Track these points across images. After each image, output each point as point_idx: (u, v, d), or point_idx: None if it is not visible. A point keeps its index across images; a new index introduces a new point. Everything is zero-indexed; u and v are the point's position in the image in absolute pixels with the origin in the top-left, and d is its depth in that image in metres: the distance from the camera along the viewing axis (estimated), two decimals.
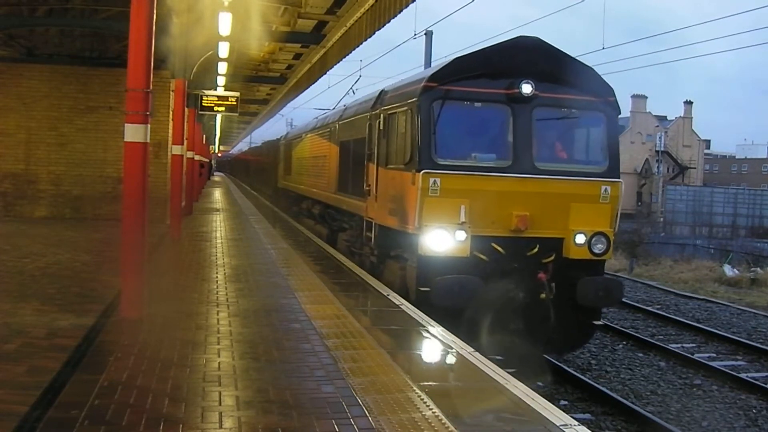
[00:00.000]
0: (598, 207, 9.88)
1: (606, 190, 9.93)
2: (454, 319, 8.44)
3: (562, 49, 10.05)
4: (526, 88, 9.51)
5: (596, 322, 10.20)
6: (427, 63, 21.58)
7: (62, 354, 5.99)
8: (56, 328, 6.89)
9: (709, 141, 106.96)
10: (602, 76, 10.31)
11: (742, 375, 11.25)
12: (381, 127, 11.06)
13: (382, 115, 11.10)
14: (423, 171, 9.25)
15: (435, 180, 9.27)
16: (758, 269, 26.81)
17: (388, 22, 14.78)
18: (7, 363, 5.73)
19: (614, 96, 10.23)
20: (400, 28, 17.29)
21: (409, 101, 9.85)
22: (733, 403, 10.18)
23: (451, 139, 9.74)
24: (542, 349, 10.07)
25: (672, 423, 9.01)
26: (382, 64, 30.16)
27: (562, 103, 9.96)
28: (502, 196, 9.47)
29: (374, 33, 15.90)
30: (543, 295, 9.47)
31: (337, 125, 15.50)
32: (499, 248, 9.53)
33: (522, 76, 9.54)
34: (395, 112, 10.53)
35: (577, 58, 10.34)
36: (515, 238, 9.55)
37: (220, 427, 4.58)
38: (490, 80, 9.62)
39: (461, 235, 9.19)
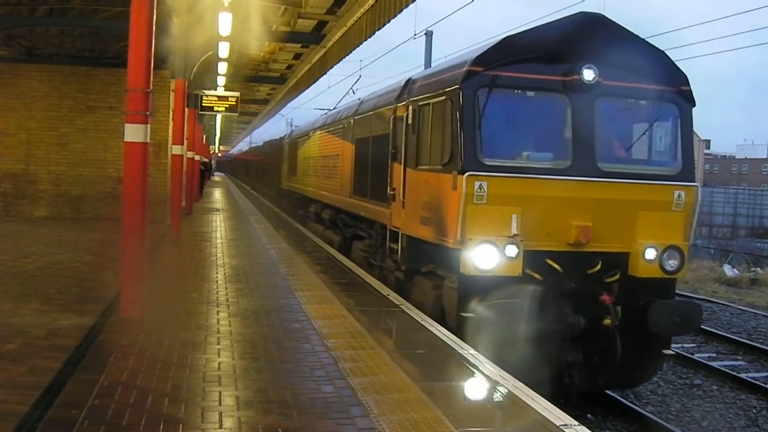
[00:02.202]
0: (670, 216, 8.44)
1: (680, 195, 8.47)
2: (500, 349, 7.26)
3: (627, 28, 8.61)
4: (588, 75, 8.13)
5: (666, 352, 8.70)
6: (427, 63, 21.58)
7: (62, 354, 6.00)
8: (56, 328, 6.90)
9: (709, 141, 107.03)
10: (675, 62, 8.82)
11: (742, 375, 11.24)
12: (409, 122, 9.59)
13: (410, 108, 9.61)
14: (467, 173, 7.73)
15: (481, 184, 7.77)
16: (758, 269, 26.80)
17: (388, 22, 14.79)
18: (7, 363, 5.73)
19: (689, 85, 8.79)
20: (399, 28, 17.30)
21: (448, 90, 8.34)
22: (733, 403, 10.18)
23: (500, 135, 8.29)
24: (604, 384, 8.73)
25: (672, 423, 9.01)
26: (382, 64, 30.14)
27: (629, 92, 8.59)
28: (559, 203, 8.05)
29: (374, 33, 15.91)
30: (607, 321, 8.05)
31: (351, 121, 13.85)
32: (555, 265, 8.04)
33: (583, 59, 8.15)
34: (428, 104, 8.99)
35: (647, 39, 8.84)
36: (574, 253, 8.11)
37: (220, 427, 4.58)
38: (545, 64, 8.17)
39: (512, 250, 7.72)
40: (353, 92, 22.80)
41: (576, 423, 4.94)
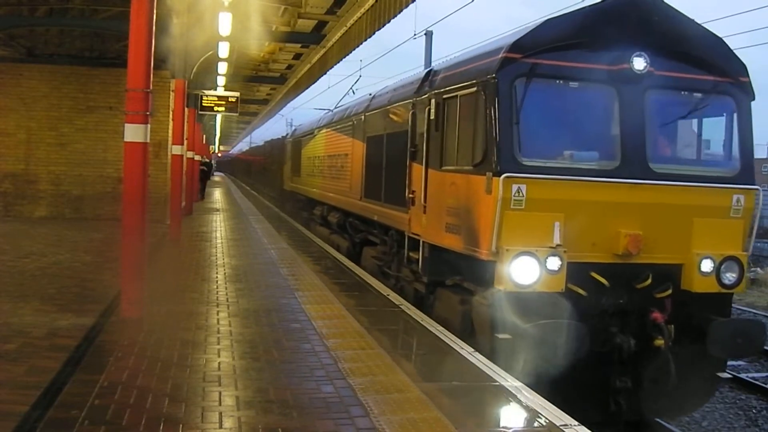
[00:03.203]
0: (727, 223, 7.56)
1: (738, 200, 7.61)
2: (541, 375, 6.50)
3: (681, 12, 7.68)
4: (639, 64, 7.26)
5: (722, 375, 7.75)
6: (427, 63, 21.57)
7: (62, 354, 6.00)
8: (56, 328, 6.90)
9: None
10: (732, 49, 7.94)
11: (742, 375, 11.25)
12: (432, 117, 8.64)
13: (433, 101, 8.64)
14: (504, 175, 6.85)
15: (519, 187, 6.91)
16: (758, 269, 26.79)
17: (388, 22, 14.81)
18: (7, 363, 5.73)
19: (747, 76, 7.91)
20: (399, 28, 17.30)
21: (480, 80, 7.42)
22: (733, 403, 10.18)
23: (540, 132, 7.38)
24: (655, 412, 7.86)
25: (672, 423, 9.01)
26: (382, 64, 30.17)
27: (682, 84, 7.69)
28: (606, 209, 7.21)
29: (374, 33, 15.93)
30: (659, 342, 7.17)
31: (363, 117, 12.81)
32: (602, 279, 7.17)
33: (633, 46, 7.27)
34: (455, 96, 8.05)
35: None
36: (622, 265, 7.24)
37: (220, 427, 4.58)
38: (590, 52, 7.30)
39: (555, 262, 6.85)
40: (353, 92, 22.79)
41: (576, 423, 4.94)
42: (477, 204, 7.32)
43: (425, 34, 22.06)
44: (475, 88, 7.53)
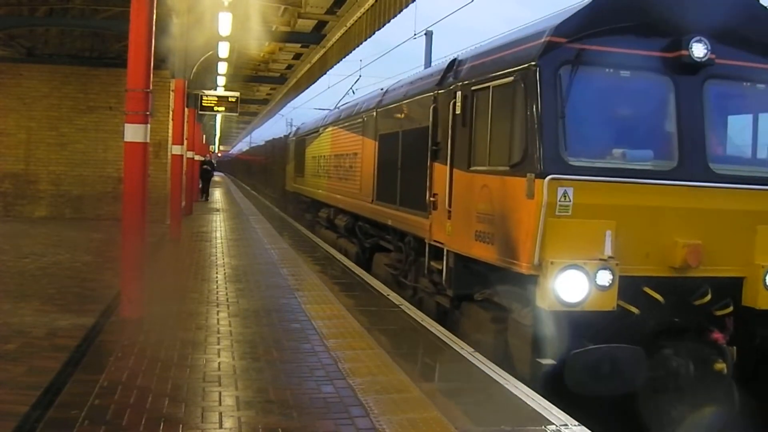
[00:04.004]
0: None
1: None
2: (591, 405, 5.86)
3: None
4: (699, 50, 6.43)
5: None
6: (428, 63, 21.57)
7: (62, 354, 6.00)
8: (56, 328, 6.90)
9: None
10: None
11: None
12: (457, 111, 7.84)
13: (459, 94, 7.82)
14: (549, 177, 6.01)
15: (566, 191, 6.11)
16: None
17: (388, 22, 14.83)
18: (7, 363, 5.73)
19: None
20: (399, 28, 17.30)
21: (518, 68, 6.57)
22: None
23: (588, 127, 6.56)
24: None
25: None
26: (382, 64, 30.17)
27: (747, 73, 6.83)
28: (662, 215, 6.38)
29: (374, 33, 15.95)
30: (720, 366, 6.34)
31: (374, 113, 11.96)
32: (656, 295, 6.34)
33: (691, 31, 6.44)
34: (486, 87, 7.22)
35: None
36: (679, 279, 6.43)
37: (220, 427, 4.58)
38: (643, 36, 6.50)
39: (606, 276, 6.02)
40: (353, 92, 22.80)
41: (576, 423, 4.94)
42: (515, 210, 6.46)
43: (425, 34, 22.03)
44: (511, 78, 6.63)
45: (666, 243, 6.38)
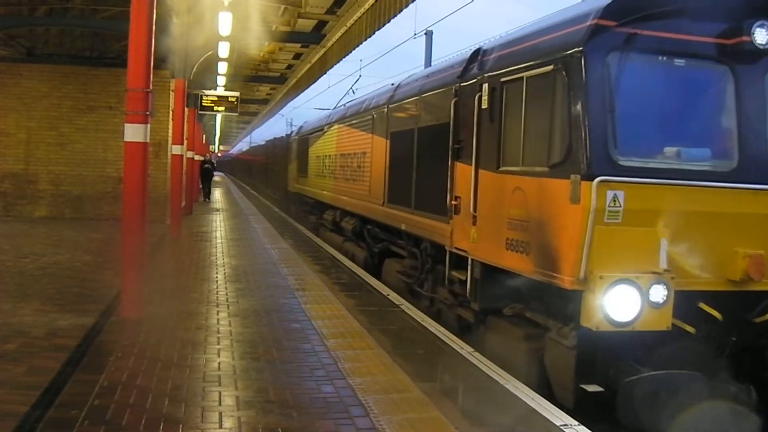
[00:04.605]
0: None
1: None
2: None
3: None
4: (761, 36, 5.74)
5: None
6: (428, 63, 21.58)
7: (62, 354, 5.99)
8: (56, 328, 6.89)
9: None
10: None
11: None
12: (484, 106, 7.17)
13: (485, 86, 7.17)
14: (599, 178, 5.37)
15: (616, 194, 5.46)
16: None
17: (388, 21, 14.83)
18: (7, 363, 5.73)
19: None
20: (399, 28, 17.31)
21: (559, 56, 5.89)
22: None
23: (640, 122, 5.86)
24: None
25: None
26: (382, 64, 30.21)
27: None
28: (721, 222, 5.73)
29: (374, 33, 15.94)
30: None
31: (385, 110, 11.24)
32: (714, 312, 5.67)
33: (752, 14, 5.77)
34: (519, 78, 6.52)
35: None
36: (738, 293, 5.77)
37: (220, 427, 4.58)
38: (699, 21, 5.82)
39: (660, 292, 5.40)
40: (353, 92, 22.82)
41: (576, 423, 4.94)
42: (556, 216, 5.78)
43: (425, 34, 22.04)
44: (551, 67, 5.97)
45: (724, 253, 5.71)
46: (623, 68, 5.63)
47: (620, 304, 5.35)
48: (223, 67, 20.65)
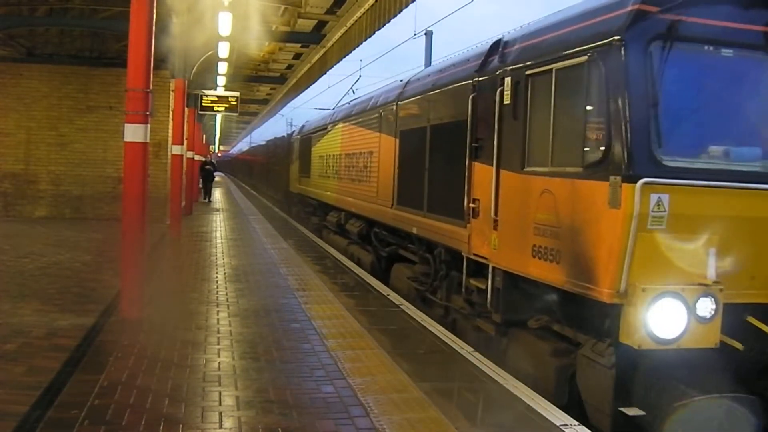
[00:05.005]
0: None
1: None
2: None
3: None
4: None
5: None
6: (428, 63, 21.58)
7: (62, 354, 5.99)
8: (56, 328, 6.89)
9: None
10: None
11: None
12: (507, 101, 6.68)
13: (508, 80, 6.68)
14: (643, 180, 4.91)
15: (660, 198, 5.00)
16: None
17: (388, 21, 14.82)
18: (7, 363, 5.73)
19: None
20: (399, 28, 17.30)
21: (596, 45, 5.39)
22: None
23: (685, 118, 5.39)
24: None
25: None
26: (382, 64, 30.20)
27: None
28: None
29: (374, 33, 15.93)
30: None
31: (394, 107, 10.71)
32: (763, 326, 5.21)
33: None
34: (547, 71, 6.03)
35: None
36: None
37: (220, 427, 4.58)
38: (746, 8, 5.35)
39: (707, 306, 4.99)
40: (353, 92, 22.82)
41: (576, 423, 4.94)
42: (592, 222, 5.29)
43: (425, 34, 22.04)
44: (585, 57, 5.48)
45: None
46: (667, 58, 5.13)
47: (665, 319, 4.91)
48: (223, 67, 20.65)
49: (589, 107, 5.50)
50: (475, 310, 7.54)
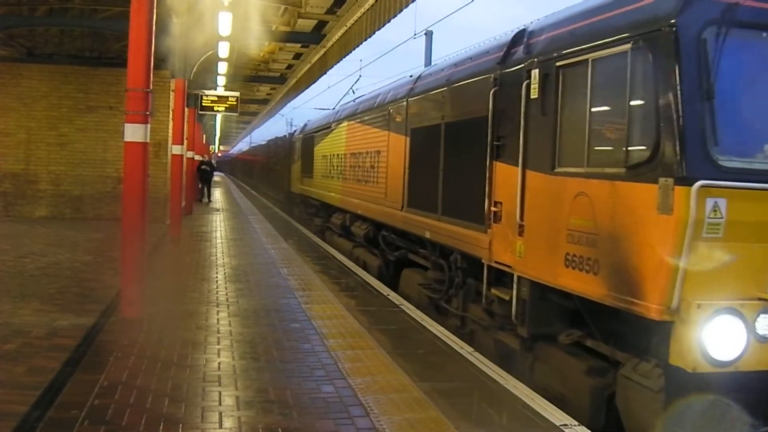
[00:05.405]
0: None
1: None
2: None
3: None
4: None
5: None
6: (428, 63, 21.58)
7: (62, 354, 5.99)
8: (56, 328, 6.89)
9: None
10: None
11: None
12: (533, 95, 6.20)
13: (536, 72, 6.18)
14: (699, 183, 4.45)
15: (716, 203, 4.52)
16: None
17: (388, 21, 14.82)
18: (7, 363, 5.73)
19: None
20: (399, 28, 17.30)
21: (641, 32, 4.91)
22: None
23: (742, 113, 4.88)
24: None
25: None
26: (382, 64, 30.21)
27: None
28: None
29: (374, 33, 15.93)
30: None
31: (405, 103, 10.19)
32: None
33: None
34: (582, 61, 5.53)
35: None
36: None
37: (220, 427, 4.58)
38: None
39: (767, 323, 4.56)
40: (353, 92, 22.83)
41: (576, 423, 4.93)
42: (637, 228, 4.78)
43: (425, 33, 22.04)
44: (628, 45, 4.98)
45: None
46: (722, 46, 4.61)
47: (722, 338, 4.43)
48: (223, 67, 20.66)
49: (633, 101, 4.96)
50: (495, 321, 7.05)
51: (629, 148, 4.94)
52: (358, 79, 23.92)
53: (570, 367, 5.78)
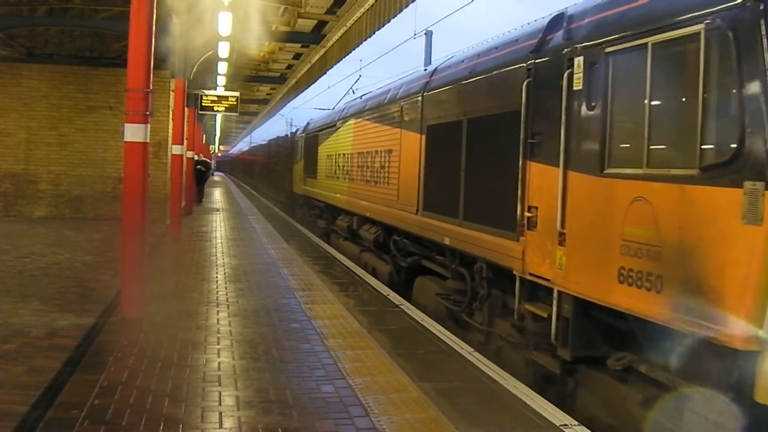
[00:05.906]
0: None
1: None
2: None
3: None
4: None
5: None
6: (428, 63, 21.58)
7: (62, 354, 5.99)
8: (56, 328, 6.89)
9: None
10: None
11: None
12: (576, 86, 5.57)
13: (579, 60, 5.53)
14: None
15: None
16: None
17: (388, 21, 14.81)
18: (7, 363, 5.73)
19: None
20: (399, 28, 17.29)
21: (717, 9, 4.23)
22: None
23: None
24: None
25: None
26: (382, 64, 30.13)
27: None
28: None
29: (374, 33, 15.93)
30: None
31: (419, 99, 9.53)
32: None
33: None
34: (639, 46, 4.86)
35: None
36: None
37: (220, 427, 4.58)
38: None
39: None
40: (353, 92, 22.83)
41: (576, 423, 4.93)
42: (715, 241, 4.13)
43: (425, 34, 22.05)
44: (700, 26, 4.29)
45: None
46: None
47: None
48: (223, 67, 20.66)
49: (708, 90, 4.26)
50: (527, 339, 6.36)
51: (703, 147, 4.25)
52: (358, 79, 23.94)
53: (622, 396, 5.15)
